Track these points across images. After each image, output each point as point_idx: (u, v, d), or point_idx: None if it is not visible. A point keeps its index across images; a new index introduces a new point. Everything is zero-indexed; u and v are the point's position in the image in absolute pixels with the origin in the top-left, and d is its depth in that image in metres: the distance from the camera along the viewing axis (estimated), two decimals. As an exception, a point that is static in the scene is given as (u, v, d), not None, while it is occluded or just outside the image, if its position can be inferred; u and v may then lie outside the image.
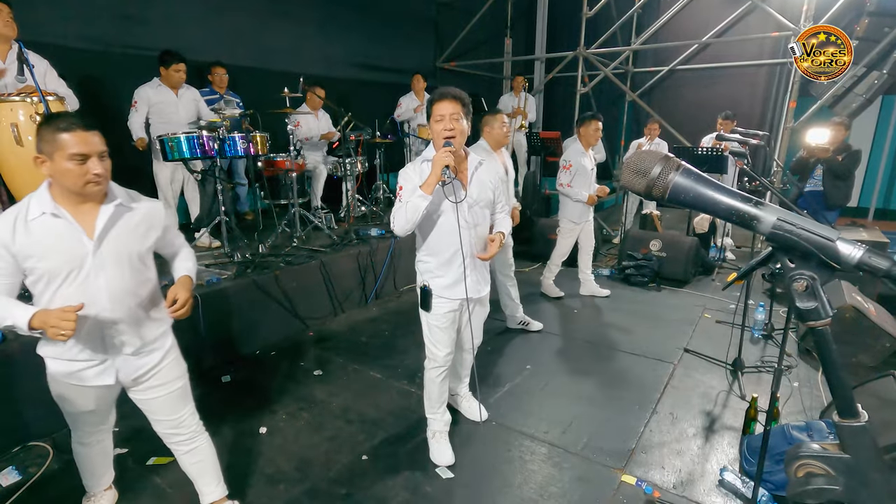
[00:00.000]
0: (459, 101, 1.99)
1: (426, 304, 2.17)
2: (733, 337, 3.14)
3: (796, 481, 0.57)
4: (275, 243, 4.04)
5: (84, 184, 1.45)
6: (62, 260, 1.47)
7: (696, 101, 7.83)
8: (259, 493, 2.09)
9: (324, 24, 5.97)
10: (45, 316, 1.40)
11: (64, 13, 3.94)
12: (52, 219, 1.46)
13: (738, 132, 3.74)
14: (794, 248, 0.53)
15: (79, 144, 1.41)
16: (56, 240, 1.47)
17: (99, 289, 1.53)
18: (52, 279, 1.48)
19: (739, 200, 0.57)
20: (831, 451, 0.56)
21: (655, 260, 4.74)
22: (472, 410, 2.64)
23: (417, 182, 2.00)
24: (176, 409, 1.77)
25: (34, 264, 1.46)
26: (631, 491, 2.13)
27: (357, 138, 4.94)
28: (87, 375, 1.60)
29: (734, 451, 2.38)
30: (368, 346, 3.51)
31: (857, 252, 0.51)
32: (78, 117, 1.46)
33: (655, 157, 0.61)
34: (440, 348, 2.23)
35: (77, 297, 1.48)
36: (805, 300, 0.54)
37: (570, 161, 4.01)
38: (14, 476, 2.14)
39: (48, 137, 1.43)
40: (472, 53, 8.06)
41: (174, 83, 3.91)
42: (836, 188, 4.67)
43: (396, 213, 2.02)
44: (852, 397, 0.57)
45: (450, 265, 2.13)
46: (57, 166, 1.43)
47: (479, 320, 2.42)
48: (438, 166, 1.91)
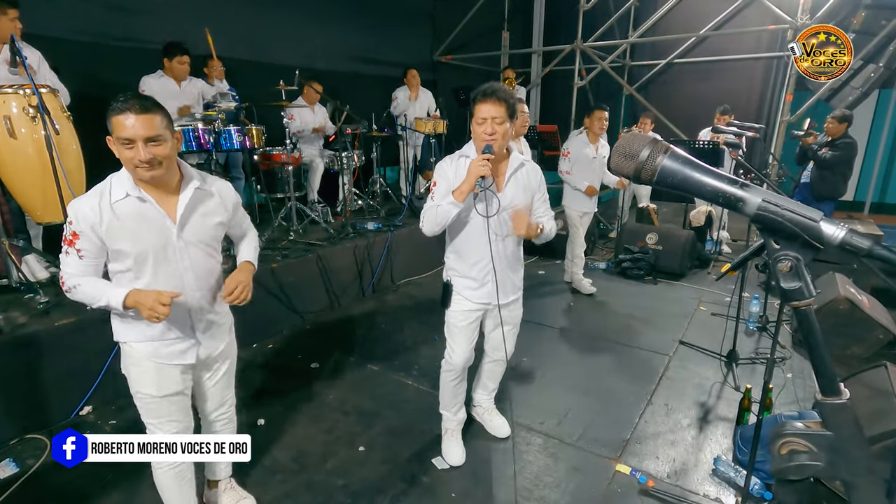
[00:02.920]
0: (505, 102, 1.83)
1: (446, 300, 2.10)
2: (728, 329, 3.16)
3: (780, 458, 0.59)
4: (271, 237, 4.03)
5: (133, 168, 1.42)
6: (149, 243, 1.47)
7: (693, 95, 7.83)
8: (257, 484, 2.10)
9: (320, 17, 5.93)
10: (141, 296, 1.42)
11: (57, 4, 3.90)
12: (136, 202, 1.46)
13: (735, 125, 3.75)
14: (778, 229, 0.54)
15: (125, 128, 1.38)
16: (141, 223, 1.46)
17: (185, 270, 1.55)
18: (138, 262, 1.48)
19: (726, 182, 0.58)
20: (814, 429, 0.58)
21: (652, 253, 4.76)
22: (494, 426, 2.45)
23: (453, 179, 1.91)
24: (230, 386, 1.84)
25: (121, 247, 1.45)
26: (625, 480, 2.15)
27: (353, 132, 4.92)
28: (172, 353, 1.60)
29: (728, 441, 2.41)
30: (365, 339, 3.52)
31: (840, 232, 0.52)
32: (137, 99, 1.41)
33: (644, 140, 0.61)
34: (457, 351, 2.14)
35: (163, 278, 1.51)
36: (789, 280, 0.56)
37: (568, 149, 4.03)
38: (12, 468, 2.15)
39: (109, 118, 1.40)
40: (468, 46, 8.02)
41: (178, 75, 3.87)
42: (823, 179, 4.72)
43: (426, 214, 1.93)
44: (834, 376, 0.58)
45: (474, 269, 2.04)
46: (116, 150, 1.42)
47: (508, 330, 2.18)
48: (473, 176, 1.79)
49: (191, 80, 4.01)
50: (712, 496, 2.07)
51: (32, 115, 2.60)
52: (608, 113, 4.04)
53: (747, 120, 4.94)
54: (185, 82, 3.96)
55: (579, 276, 4.39)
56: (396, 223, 4.64)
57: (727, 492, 2.09)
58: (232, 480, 2.00)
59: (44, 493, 2.06)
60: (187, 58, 3.87)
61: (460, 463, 2.23)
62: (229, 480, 1.99)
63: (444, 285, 2.12)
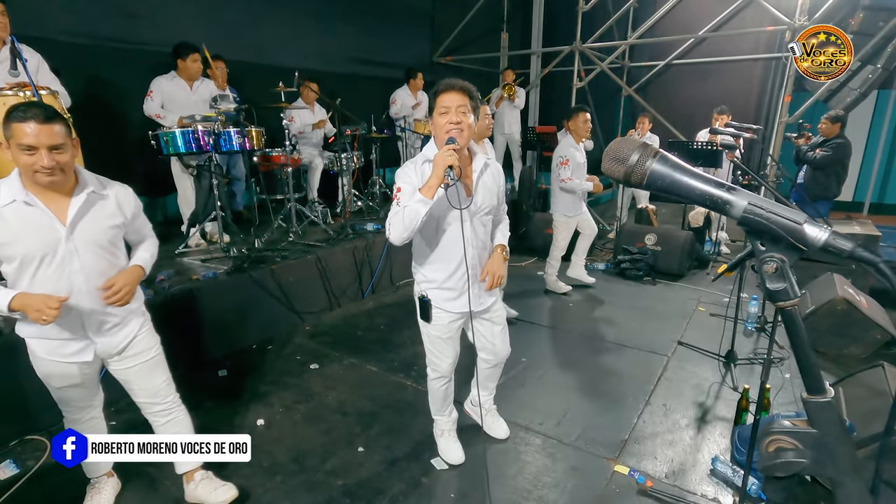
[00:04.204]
0: (467, 92, 1.78)
1: (426, 315, 2.00)
2: (727, 329, 3.17)
3: (767, 456, 0.60)
4: (271, 238, 4.04)
5: (33, 173, 1.47)
6: (36, 246, 1.52)
7: (692, 96, 7.85)
8: (256, 485, 2.10)
9: (319, 18, 5.94)
10: (27, 299, 1.48)
11: (57, 7, 3.91)
12: (23, 206, 1.50)
13: (733, 126, 3.76)
14: (764, 231, 0.55)
15: (27, 136, 1.43)
16: (29, 226, 1.51)
17: (75, 272, 1.59)
18: (26, 264, 1.53)
19: (713, 186, 0.59)
20: (800, 427, 0.59)
21: (650, 254, 4.77)
22: (494, 427, 2.43)
23: (417, 183, 1.79)
24: (152, 378, 1.86)
25: (8, 251, 1.51)
26: (623, 481, 2.16)
27: (353, 133, 4.93)
28: (67, 352, 1.67)
29: (725, 442, 2.42)
30: (364, 339, 3.53)
31: (823, 234, 0.54)
32: (40, 108, 1.48)
33: (634, 144, 0.63)
34: (442, 359, 2.10)
35: (53, 281, 1.56)
36: (775, 281, 0.57)
37: (567, 156, 4.04)
38: (12, 469, 2.16)
39: (5, 124, 1.47)
40: (468, 48, 8.04)
41: (192, 75, 3.84)
42: (815, 179, 4.77)
43: (393, 220, 1.79)
44: (819, 374, 0.59)
45: (451, 276, 1.95)
46: (12, 153, 1.48)
47: (499, 332, 2.18)
48: (441, 167, 1.68)
49: (203, 80, 4.00)
50: (710, 496, 2.08)
51: (6, 110, 2.60)
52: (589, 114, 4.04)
53: (746, 121, 4.95)
54: (197, 83, 3.94)
55: (553, 278, 4.40)
56: (396, 224, 4.64)
57: (725, 492, 2.10)
58: (208, 472, 2.01)
59: (44, 494, 2.07)
60: (199, 55, 3.85)
61: (461, 461, 2.23)
62: (205, 472, 2.00)
63: (421, 301, 2.00)
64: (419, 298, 2.02)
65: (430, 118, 1.86)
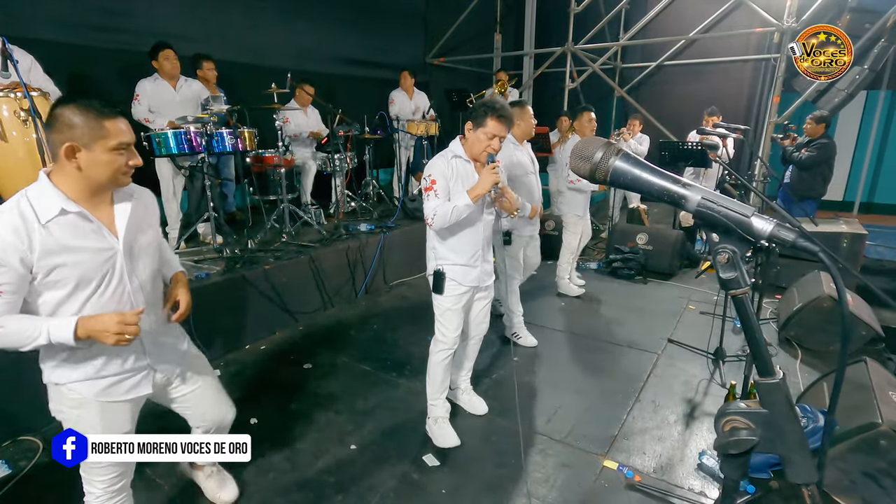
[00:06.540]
0: (510, 126, 2.16)
1: (439, 287, 2.26)
2: (715, 327, 3.21)
3: (722, 435, 0.63)
4: (264, 239, 4.05)
5: (121, 174, 1.31)
6: (94, 264, 1.29)
7: (683, 97, 7.92)
8: (249, 483, 2.12)
9: (312, 19, 5.96)
10: (95, 323, 1.24)
11: (49, 8, 3.91)
12: (76, 219, 1.27)
13: (722, 126, 3.81)
14: (716, 224, 0.60)
15: (124, 132, 1.27)
16: (83, 243, 1.28)
17: (136, 290, 1.40)
18: (82, 287, 1.29)
19: (670, 182, 0.63)
20: (752, 407, 0.62)
21: (642, 253, 4.81)
22: (472, 404, 2.67)
23: (449, 175, 2.14)
24: (219, 401, 1.72)
25: (62, 273, 1.25)
26: (612, 475, 2.19)
27: (346, 134, 4.95)
28: (123, 388, 1.45)
29: (713, 437, 2.44)
30: (357, 339, 3.55)
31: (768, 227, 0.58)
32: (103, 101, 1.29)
33: (598, 143, 0.66)
34: (451, 330, 2.33)
35: (114, 304, 1.34)
36: (727, 271, 0.61)
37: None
38: (4, 470, 2.16)
39: (89, 123, 1.23)
40: (461, 49, 8.08)
41: (169, 72, 3.83)
42: (801, 179, 4.85)
43: (438, 210, 2.09)
44: (769, 357, 0.63)
45: (469, 257, 2.28)
46: (95, 157, 1.25)
47: (487, 308, 2.50)
48: (490, 183, 2.06)
49: (186, 80, 3.98)
50: (697, 489, 2.11)
51: (24, 119, 2.61)
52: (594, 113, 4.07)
53: (736, 121, 5.01)
54: (181, 84, 3.93)
55: (566, 281, 4.41)
56: (389, 225, 4.67)
57: (711, 485, 2.14)
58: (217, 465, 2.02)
59: (36, 495, 2.07)
60: (171, 52, 3.81)
61: (457, 443, 2.36)
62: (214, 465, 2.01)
63: (436, 274, 2.27)
64: (435, 272, 2.28)
65: (474, 127, 2.15)
